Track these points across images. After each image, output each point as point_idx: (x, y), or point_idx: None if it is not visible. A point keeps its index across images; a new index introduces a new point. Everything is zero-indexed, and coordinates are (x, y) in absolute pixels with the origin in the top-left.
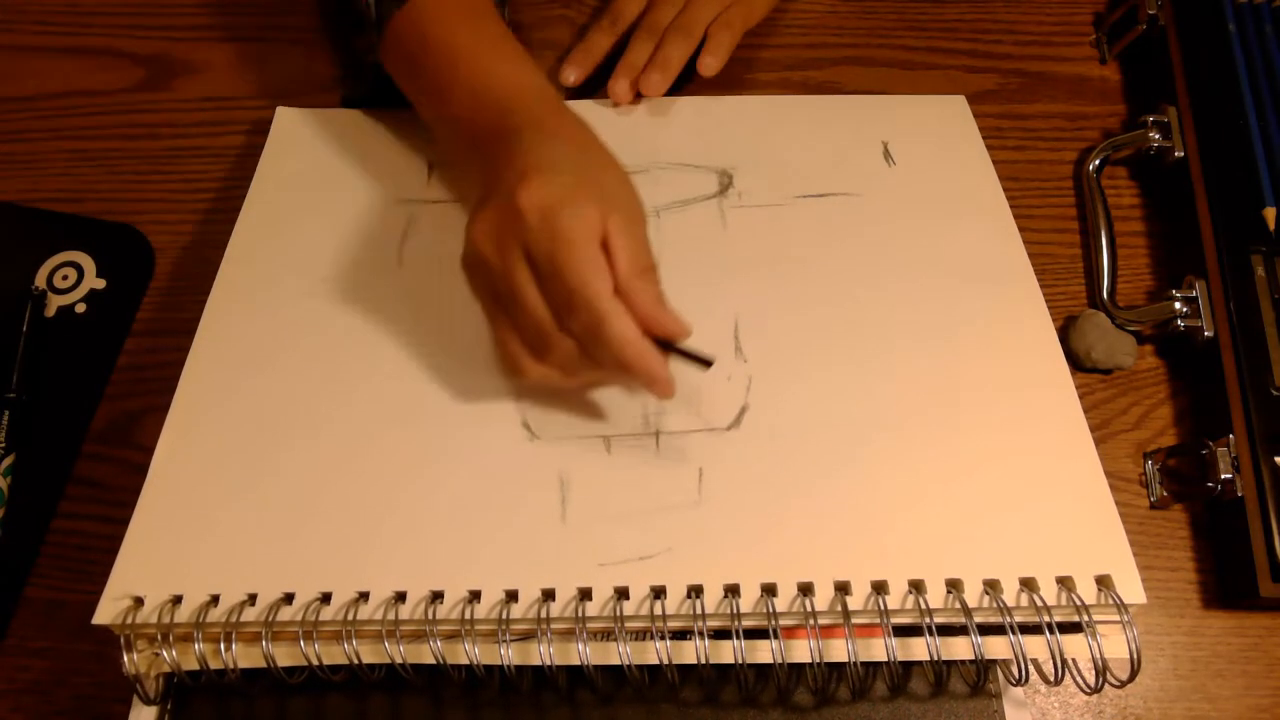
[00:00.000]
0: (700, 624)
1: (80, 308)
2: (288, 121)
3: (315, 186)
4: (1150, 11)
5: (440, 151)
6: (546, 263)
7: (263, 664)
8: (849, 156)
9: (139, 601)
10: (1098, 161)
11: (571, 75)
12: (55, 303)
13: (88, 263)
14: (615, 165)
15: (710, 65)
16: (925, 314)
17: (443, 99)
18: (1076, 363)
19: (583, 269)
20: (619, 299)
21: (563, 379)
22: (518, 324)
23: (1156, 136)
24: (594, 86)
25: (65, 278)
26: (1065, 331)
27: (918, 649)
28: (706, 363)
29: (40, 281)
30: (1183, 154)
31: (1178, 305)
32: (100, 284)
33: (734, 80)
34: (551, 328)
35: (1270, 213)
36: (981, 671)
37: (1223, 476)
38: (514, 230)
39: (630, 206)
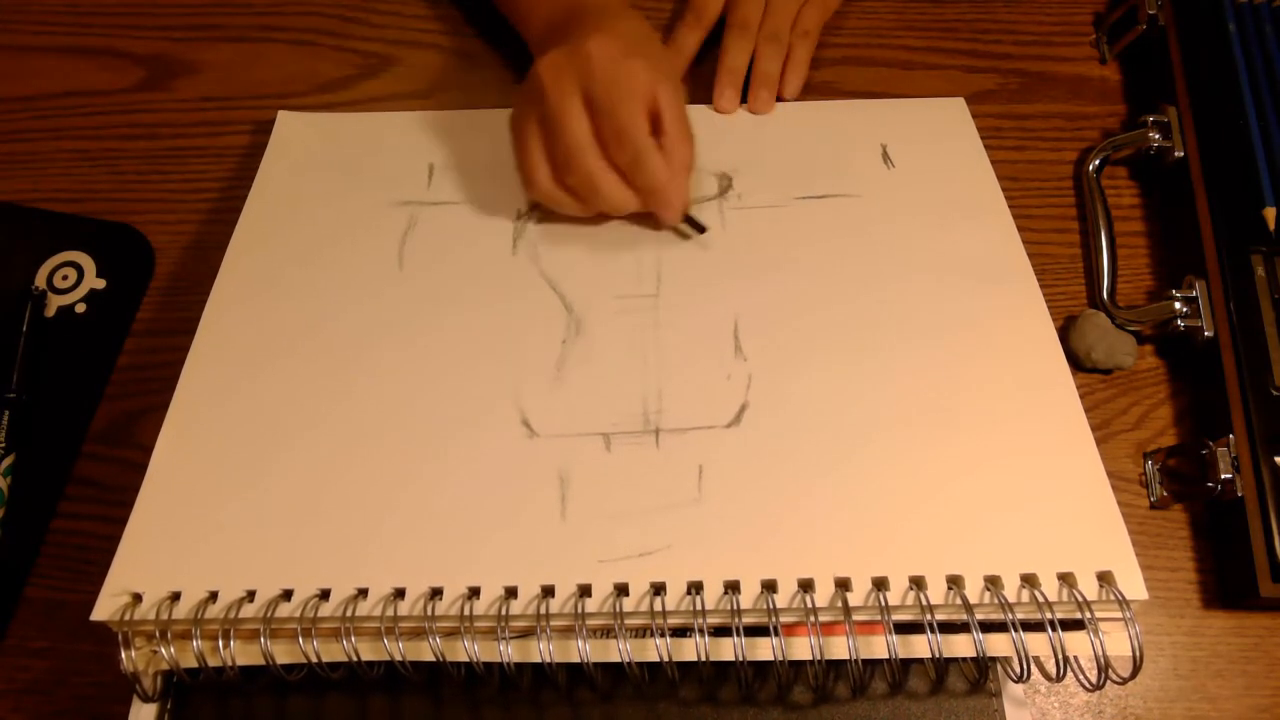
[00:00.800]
0: (700, 621)
1: (80, 308)
2: (289, 125)
3: (316, 187)
4: (1150, 11)
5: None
6: (605, 100)
7: (261, 661)
8: (848, 159)
9: (137, 598)
10: (1098, 161)
11: (726, 100)
12: (55, 303)
13: (88, 263)
14: (668, 53)
15: (794, 87)
16: (925, 314)
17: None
18: (1076, 363)
19: (634, 112)
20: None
21: (571, 203)
22: (554, 144)
23: (1156, 136)
24: None
25: (65, 278)
26: (1065, 331)
27: (918, 646)
28: (702, 228)
29: (40, 281)
30: (1183, 154)
31: (1178, 305)
32: (100, 284)
33: None
34: (581, 153)
35: (1270, 213)
36: (982, 669)
37: (1223, 476)
38: (578, 69)
39: (678, 84)
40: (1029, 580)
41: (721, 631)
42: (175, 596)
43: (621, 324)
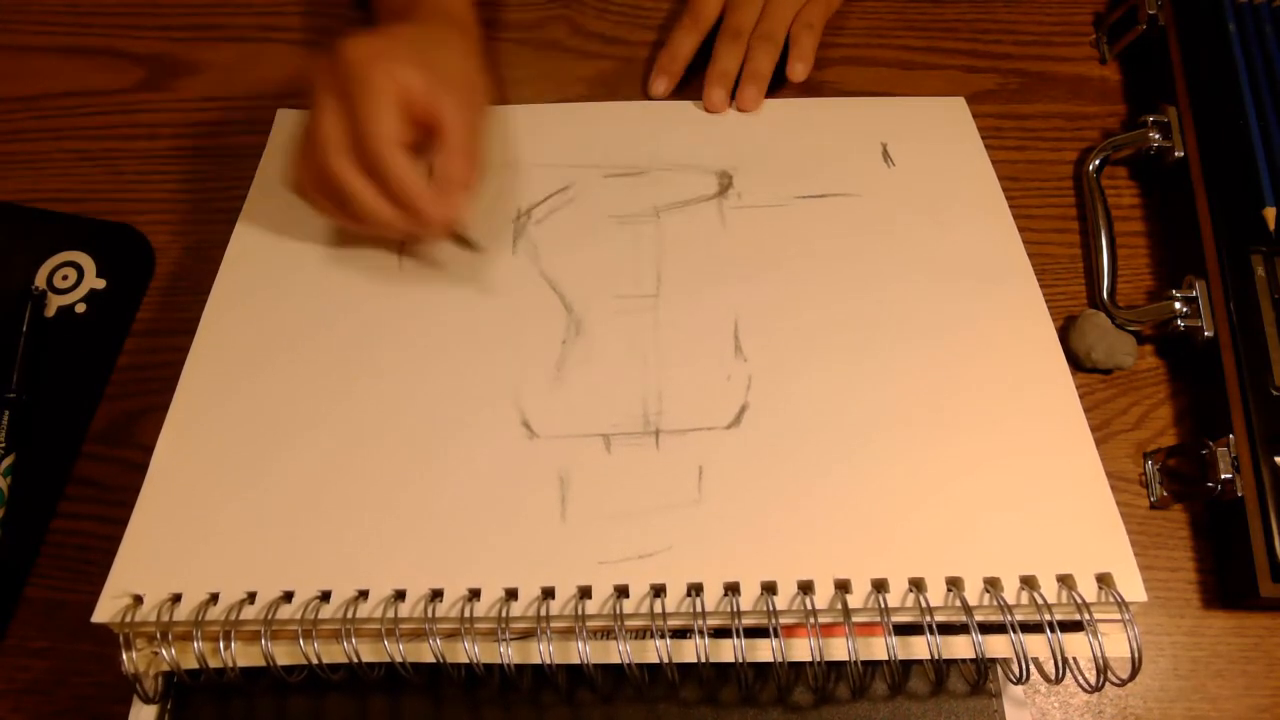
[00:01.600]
0: (700, 622)
1: (80, 308)
2: (288, 123)
3: None
4: (1150, 11)
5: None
6: (350, 100)
7: (262, 663)
8: (848, 158)
9: (138, 600)
10: (1098, 161)
11: (661, 85)
12: (55, 303)
13: (88, 263)
14: (470, 70)
15: (800, 71)
16: (925, 314)
17: None
18: (1076, 363)
19: (378, 113)
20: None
21: (326, 206)
22: (306, 152)
23: (1156, 136)
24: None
25: (65, 278)
26: (1065, 331)
27: (918, 647)
28: (476, 248)
29: (40, 281)
30: (1183, 154)
31: (1178, 305)
32: (100, 284)
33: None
34: (323, 150)
35: (1270, 213)
36: (982, 670)
37: (1223, 476)
38: (336, 67)
39: (471, 100)
40: (1028, 582)
41: (721, 633)
42: (176, 598)
43: (621, 324)
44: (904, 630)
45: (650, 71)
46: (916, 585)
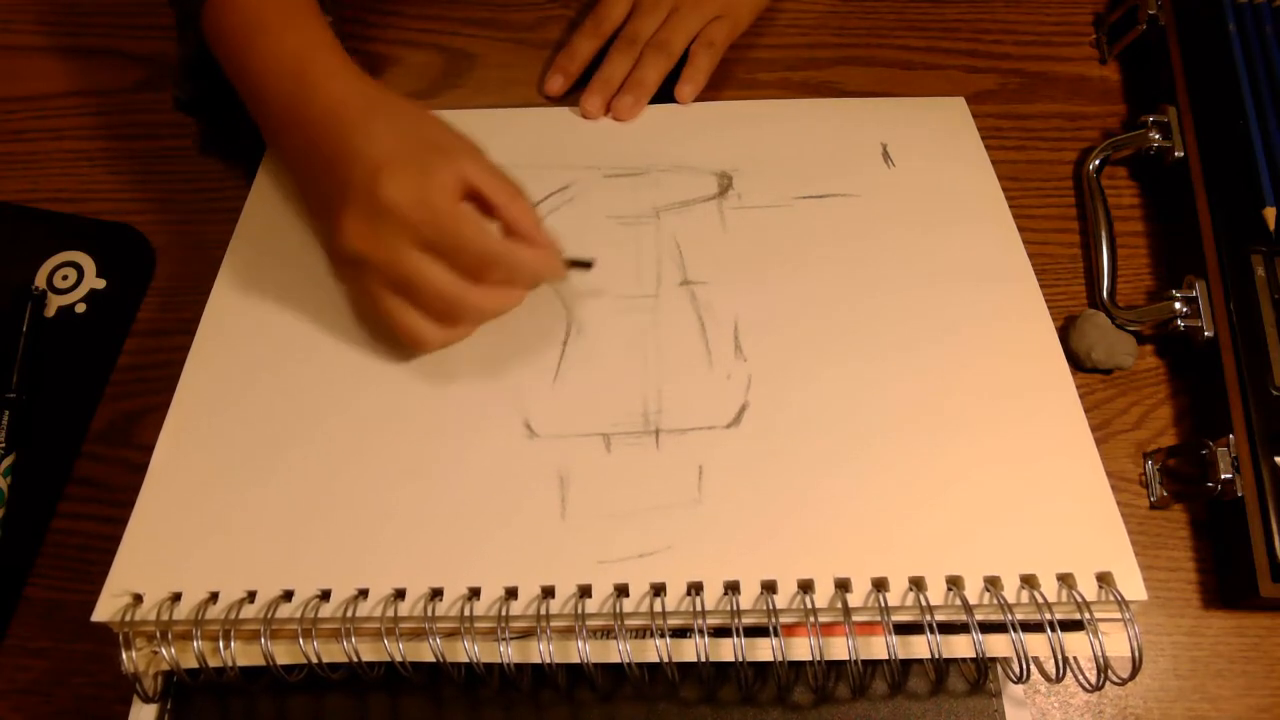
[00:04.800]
0: (700, 621)
1: (80, 308)
2: None
3: None
4: (1150, 11)
5: (270, 149)
6: (447, 243)
7: (262, 662)
8: (848, 158)
9: (138, 599)
10: (1098, 161)
11: (556, 84)
12: (55, 303)
13: (88, 263)
14: (426, 114)
15: (687, 93)
16: (925, 314)
17: (242, 77)
18: (1077, 363)
19: (478, 234)
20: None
21: (465, 333)
22: (424, 303)
23: (1156, 136)
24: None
25: (65, 278)
26: (1065, 331)
27: (918, 646)
28: (588, 263)
29: (40, 281)
30: (1183, 154)
31: (1178, 305)
32: (100, 284)
33: (734, 81)
34: (459, 300)
35: (1270, 213)
36: (982, 669)
37: (1223, 476)
38: (395, 227)
39: (466, 147)
40: (1028, 581)
41: (721, 632)
42: (176, 597)
43: (621, 324)
44: (904, 629)
45: (548, 69)
46: (916, 584)
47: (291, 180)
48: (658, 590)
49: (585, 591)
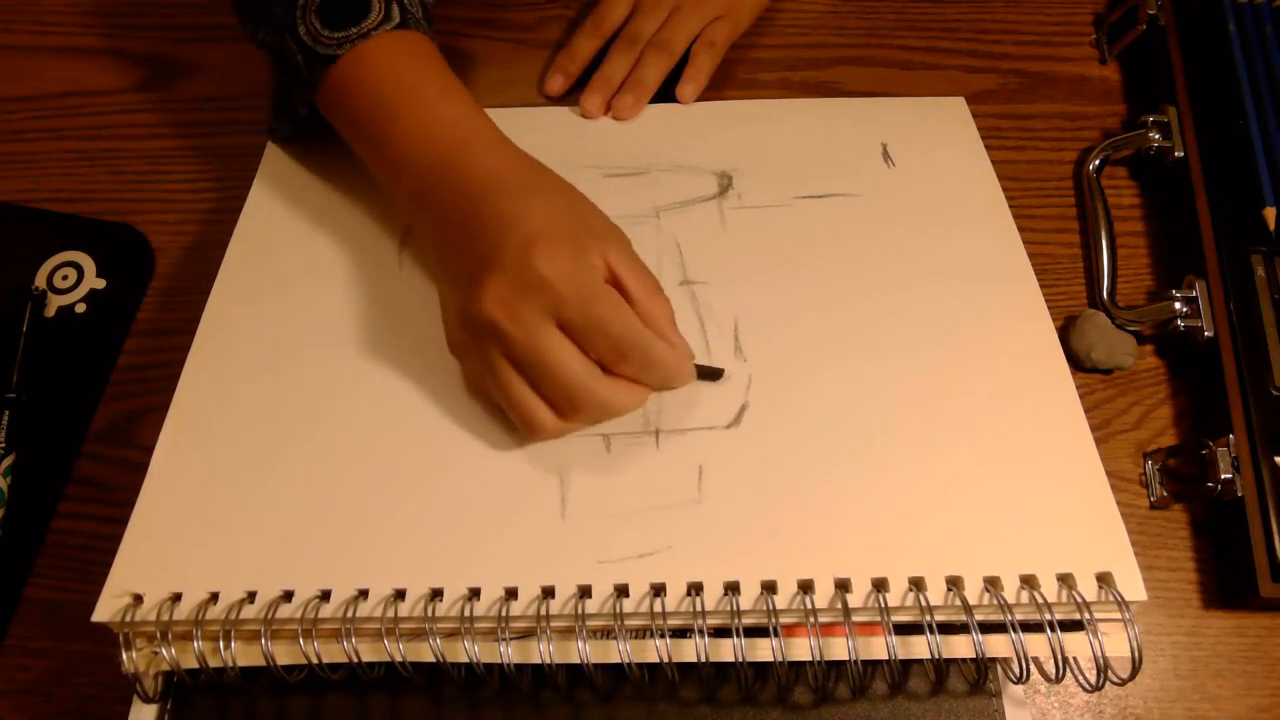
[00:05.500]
0: (700, 622)
1: (80, 308)
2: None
3: (316, 187)
4: (1150, 11)
5: (398, 212)
6: (589, 323)
7: (262, 662)
8: (848, 158)
9: (138, 599)
10: (1098, 161)
11: (556, 84)
12: (55, 303)
13: (88, 263)
14: (581, 195)
15: (688, 92)
16: (925, 314)
17: (385, 140)
18: (1077, 363)
19: (621, 318)
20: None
21: (581, 427)
22: (546, 385)
23: (1156, 136)
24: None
25: (65, 278)
26: (1065, 331)
27: (918, 647)
28: (717, 373)
29: (40, 281)
30: (1183, 154)
31: (1178, 305)
32: (100, 284)
33: (734, 80)
34: (587, 389)
35: (1270, 213)
36: (982, 670)
37: (1223, 476)
38: (539, 299)
39: (616, 234)
40: (1028, 581)
41: (721, 632)
42: (176, 597)
43: None
44: (904, 630)
45: (548, 69)
46: (916, 584)
47: (426, 244)
48: (658, 590)
49: (585, 592)
